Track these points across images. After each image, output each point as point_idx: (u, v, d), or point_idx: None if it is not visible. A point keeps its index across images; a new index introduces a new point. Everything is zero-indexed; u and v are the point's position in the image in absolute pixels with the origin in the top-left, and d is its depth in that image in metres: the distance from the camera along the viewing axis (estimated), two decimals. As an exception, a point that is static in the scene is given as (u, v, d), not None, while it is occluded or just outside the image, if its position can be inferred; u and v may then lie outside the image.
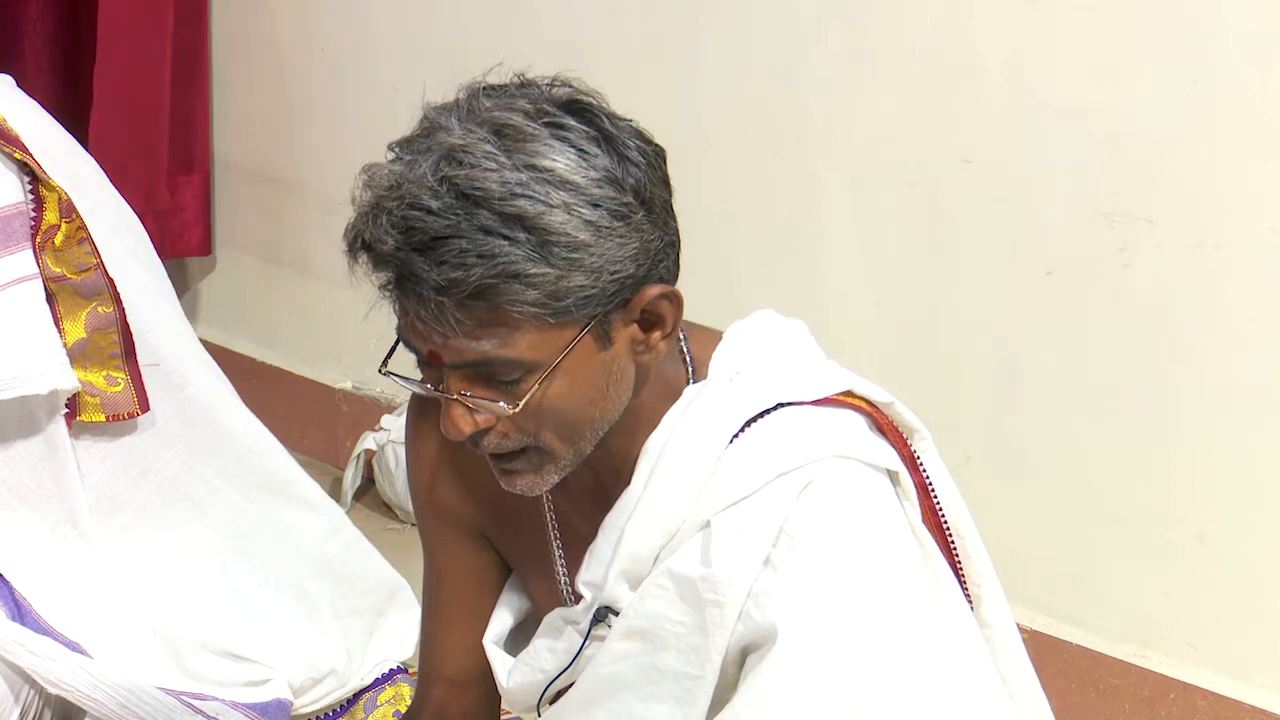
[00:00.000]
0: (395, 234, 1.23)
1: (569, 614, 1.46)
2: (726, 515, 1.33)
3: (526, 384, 1.27)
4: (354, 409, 3.18)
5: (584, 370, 1.29)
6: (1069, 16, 2.20)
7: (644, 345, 1.33)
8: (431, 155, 1.24)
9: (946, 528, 1.43)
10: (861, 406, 1.40)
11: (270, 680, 2.25)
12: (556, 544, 1.51)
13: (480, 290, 1.22)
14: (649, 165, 1.29)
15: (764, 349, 1.43)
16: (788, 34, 2.46)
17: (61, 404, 2.03)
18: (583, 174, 1.24)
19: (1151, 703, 2.34)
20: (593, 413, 1.33)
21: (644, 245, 1.27)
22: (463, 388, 1.29)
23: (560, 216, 1.23)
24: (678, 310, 1.33)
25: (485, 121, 1.25)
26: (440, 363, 1.28)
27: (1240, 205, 2.14)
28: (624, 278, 1.27)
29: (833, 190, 2.48)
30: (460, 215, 1.21)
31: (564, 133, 1.25)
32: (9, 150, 1.96)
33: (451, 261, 1.21)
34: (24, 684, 2.02)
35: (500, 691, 1.56)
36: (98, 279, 2.01)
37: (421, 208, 1.22)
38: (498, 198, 1.22)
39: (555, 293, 1.24)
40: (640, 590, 1.37)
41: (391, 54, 2.98)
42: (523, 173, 1.22)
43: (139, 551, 2.15)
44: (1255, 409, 2.19)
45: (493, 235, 1.21)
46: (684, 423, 1.36)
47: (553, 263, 1.23)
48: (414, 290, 1.23)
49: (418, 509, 1.60)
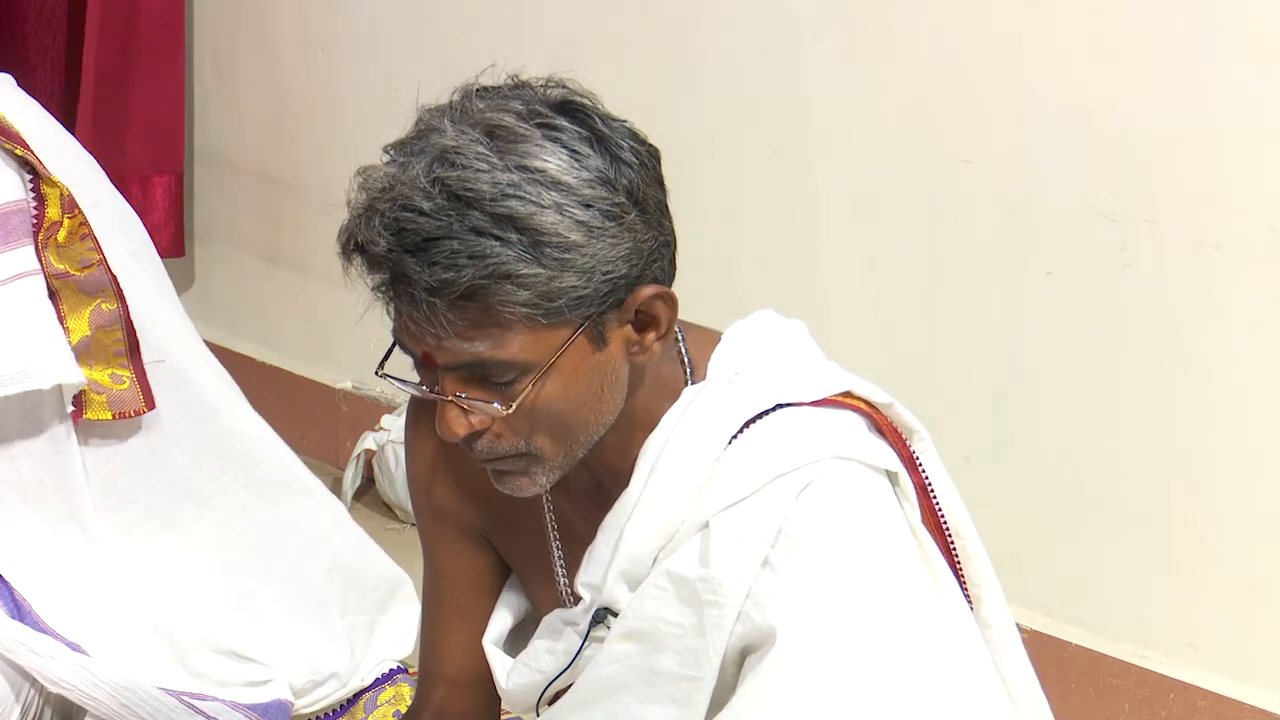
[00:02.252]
0: (387, 235, 1.23)
1: (568, 615, 1.46)
2: (725, 516, 1.33)
3: (520, 385, 1.28)
4: (354, 409, 3.18)
5: (578, 371, 1.29)
6: (1069, 16, 2.20)
7: (639, 346, 1.33)
8: (424, 157, 1.24)
9: (946, 528, 1.43)
10: (861, 407, 1.40)
11: (271, 681, 2.25)
12: (556, 545, 1.51)
13: (472, 291, 1.22)
14: (642, 165, 1.29)
15: (763, 350, 1.43)
16: (788, 34, 2.46)
17: (68, 401, 2.02)
18: (574, 174, 1.24)
19: (1151, 703, 2.34)
20: (587, 415, 1.33)
21: (637, 245, 1.27)
22: (457, 389, 1.29)
23: (551, 217, 1.23)
24: (672, 311, 1.33)
25: (478, 123, 1.25)
26: (435, 364, 1.28)
27: (1240, 205, 2.14)
28: (616, 278, 1.27)
29: (832, 190, 2.48)
30: (452, 216, 1.22)
31: (556, 133, 1.25)
32: (10, 147, 1.96)
33: (443, 262, 1.21)
34: (24, 683, 2.02)
35: (499, 692, 1.56)
36: (101, 275, 2.01)
37: (413, 209, 1.22)
38: (489, 198, 1.22)
39: (547, 293, 1.24)
40: (639, 591, 1.37)
41: (391, 53, 2.98)
42: (514, 173, 1.23)
43: (143, 549, 2.15)
44: (1255, 409, 2.19)
45: (484, 236, 1.21)
46: (683, 424, 1.36)
47: (544, 263, 1.23)
48: (407, 291, 1.24)
49: (417, 510, 1.60)
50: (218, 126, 3.31)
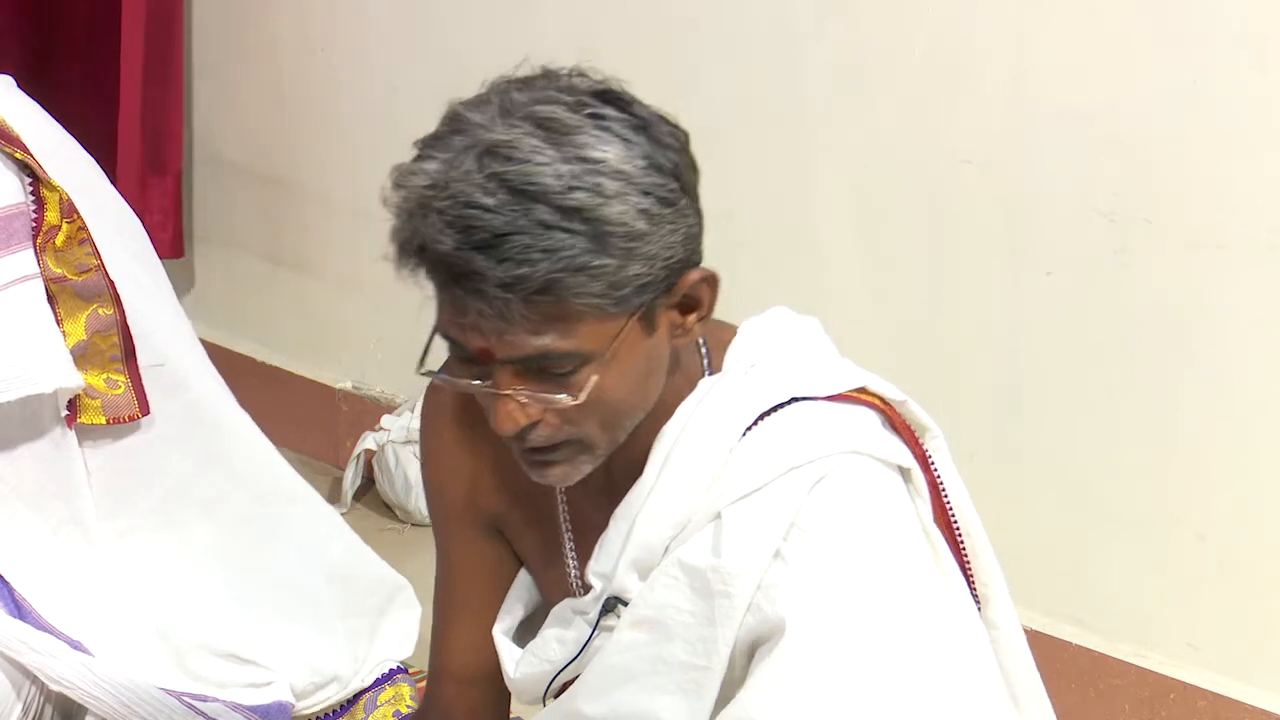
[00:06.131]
0: (452, 234, 1.21)
1: (578, 604, 1.46)
2: (738, 507, 1.33)
3: (582, 374, 1.27)
4: (354, 409, 3.18)
5: (633, 357, 1.30)
6: (1069, 17, 2.20)
7: (681, 329, 1.34)
8: (471, 152, 1.22)
9: (956, 527, 1.44)
10: (875, 404, 1.41)
11: (272, 682, 2.25)
12: (568, 535, 1.51)
13: (547, 285, 1.21)
14: (681, 149, 1.30)
15: (779, 344, 1.44)
16: (788, 34, 2.46)
17: (63, 405, 2.02)
18: (631, 163, 1.24)
19: (1151, 703, 2.34)
20: (635, 400, 1.33)
21: (689, 230, 1.29)
22: (514, 383, 1.28)
23: (618, 207, 1.23)
24: (714, 292, 1.33)
25: (527, 116, 1.24)
26: (491, 358, 1.27)
27: (1240, 205, 2.14)
28: (674, 263, 1.27)
29: (833, 190, 2.48)
30: (517, 211, 1.21)
31: (606, 122, 1.25)
32: (10, 150, 1.96)
33: (515, 258, 1.20)
34: (26, 681, 2.02)
35: (507, 683, 1.56)
36: (99, 280, 2.01)
37: (477, 205, 1.21)
38: (555, 191, 1.21)
39: (616, 283, 1.24)
40: (650, 580, 1.37)
41: (391, 53, 2.98)
42: (575, 164, 1.22)
43: (143, 553, 2.15)
44: (1255, 409, 2.19)
45: (553, 229, 1.21)
46: (698, 414, 1.37)
47: (612, 253, 1.23)
48: (475, 288, 1.22)
49: (431, 502, 1.60)
50: (218, 127, 3.31)
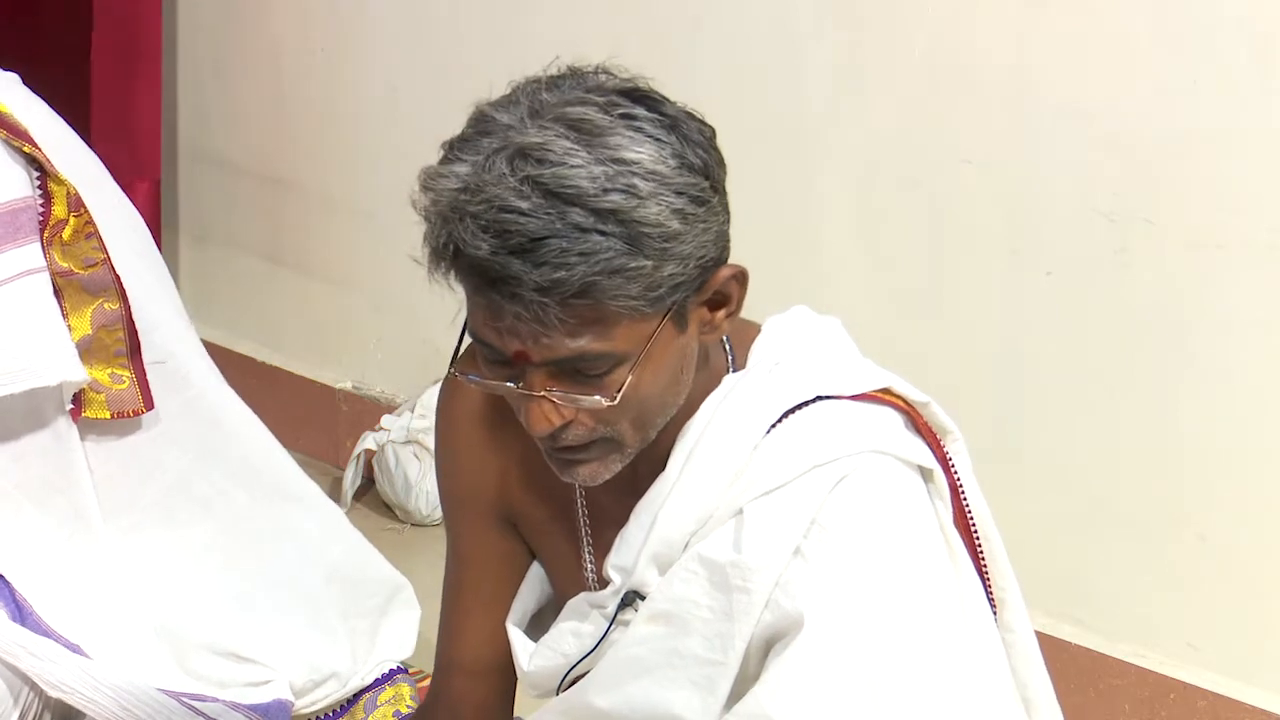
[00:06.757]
0: (488, 238, 1.21)
1: (595, 598, 1.46)
2: (760, 503, 1.33)
3: (616, 375, 1.27)
4: (354, 409, 3.18)
5: (666, 355, 1.30)
6: (1069, 16, 2.21)
7: (710, 325, 1.33)
8: (502, 154, 1.22)
9: (975, 530, 1.44)
10: (899, 404, 1.41)
11: (271, 681, 2.25)
12: (585, 529, 1.50)
13: (585, 288, 1.21)
14: (709, 145, 1.29)
15: (803, 342, 1.44)
16: (788, 34, 2.46)
17: (67, 399, 2.02)
18: (664, 163, 1.24)
19: (1151, 703, 2.35)
20: (667, 398, 1.33)
21: (720, 227, 1.28)
22: (548, 384, 1.28)
23: (653, 208, 1.22)
24: (743, 288, 1.33)
25: (558, 118, 1.24)
26: (528, 361, 1.27)
27: (1240, 205, 2.14)
28: (707, 261, 1.27)
29: (833, 190, 2.48)
30: (553, 214, 1.20)
31: (637, 123, 1.24)
32: (17, 144, 1.96)
33: (553, 262, 1.20)
34: (23, 686, 2.02)
35: (519, 675, 1.55)
36: (105, 274, 2.01)
37: (512, 209, 1.20)
38: (590, 194, 1.20)
39: (652, 284, 1.23)
40: (669, 574, 1.37)
41: (391, 53, 2.98)
42: (609, 166, 1.21)
43: (144, 550, 2.15)
44: (1255, 409, 2.19)
45: (589, 232, 1.20)
46: (722, 411, 1.37)
47: (648, 254, 1.22)
48: (512, 293, 1.21)
49: (444, 494, 1.60)
50: (218, 127, 3.31)
